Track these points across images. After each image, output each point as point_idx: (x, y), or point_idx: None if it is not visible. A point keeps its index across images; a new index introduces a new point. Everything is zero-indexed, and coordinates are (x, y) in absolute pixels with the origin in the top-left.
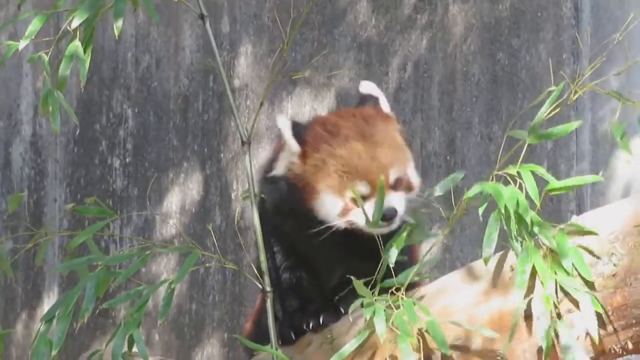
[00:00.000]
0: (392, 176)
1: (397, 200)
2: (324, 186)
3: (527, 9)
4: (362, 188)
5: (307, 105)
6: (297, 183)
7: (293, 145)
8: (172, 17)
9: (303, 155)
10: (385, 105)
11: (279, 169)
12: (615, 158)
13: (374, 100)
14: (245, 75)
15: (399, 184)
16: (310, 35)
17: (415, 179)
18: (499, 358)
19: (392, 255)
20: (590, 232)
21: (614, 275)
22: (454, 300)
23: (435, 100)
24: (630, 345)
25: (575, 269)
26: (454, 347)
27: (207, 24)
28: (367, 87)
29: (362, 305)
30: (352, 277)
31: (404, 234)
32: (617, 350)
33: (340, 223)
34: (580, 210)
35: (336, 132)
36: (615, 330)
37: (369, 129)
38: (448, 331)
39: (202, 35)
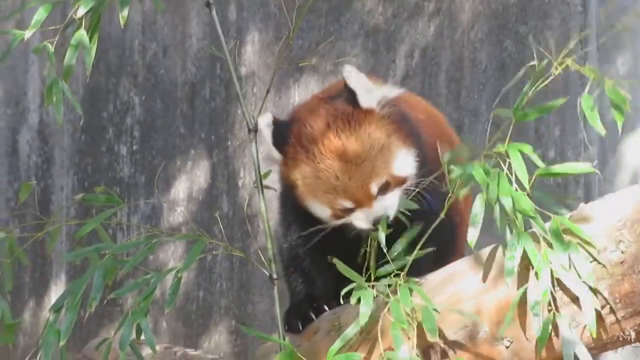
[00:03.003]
0: (374, 188)
1: (383, 206)
2: (311, 197)
3: None
4: (346, 204)
5: (314, 92)
6: (287, 183)
7: (274, 154)
8: (179, 5)
9: (285, 165)
10: (364, 99)
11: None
12: (623, 145)
13: (351, 94)
14: (252, 63)
15: (387, 187)
16: (316, 23)
17: (405, 169)
18: (506, 344)
19: (381, 237)
20: (587, 242)
21: (621, 262)
22: (462, 288)
23: (443, 87)
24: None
25: (572, 264)
26: (462, 333)
27: (214, 12)
28: (347, 73)
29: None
30: (337, 262)
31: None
32: (625, 338)
33: (335, 223)
34: (588, 197)
35: (312, 150)
36: (622, 318)
37: (346, 142)
38: (457, 318)
39: (209, 22)
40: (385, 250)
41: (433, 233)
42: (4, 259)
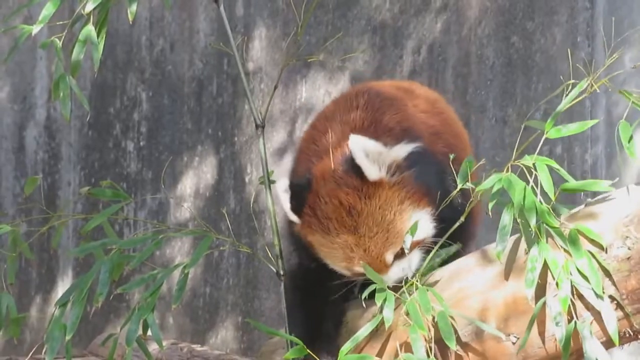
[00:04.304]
0: (389, 257)
1: (401, 269)
2: (329, 260)
3: None
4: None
5: (322, 88)
6: (305, 241)
7: (293, 218)
8: (187, 1)
9: (302, 228)
10: (371, 172)
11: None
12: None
13: (359, 168)
14: (259, 59)
15: (403, 252)
16: (324, 19)
17: (421, 232)
18: (513, 340)
19: (407, 241)
20: (595, 242)
21: (628, 258)
22: (469, 284)
23: (450, 83)
24: None
25: (586, 278)
26: (469, 329)
27: (222, 7)
28: (353, 146)
29: (374, 292)
30: (363, 263)
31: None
32: (631, 334)
33: (358, 280)
34: (594, 194)
35: (327, 224)
36: (629, 314)
37: (358, 219)
38: (464, 314)
39: (217, 18)
40: None
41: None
42: (9, 252)
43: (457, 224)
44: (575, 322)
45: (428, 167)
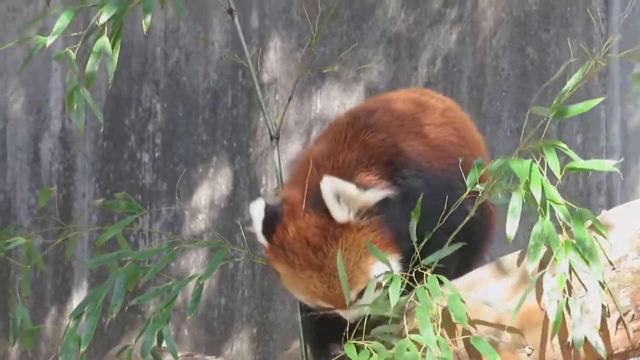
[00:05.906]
0: (353, 296)
1: (358, 312)
2: (292, 291)
3: (556, 3)
4: (326, 305)
5: (336, 99)
6: (271, 266)
7: (262, 240)
8: (201, 12)
9: (270, 253)
10: (338, 214)
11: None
12: None
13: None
14: (274, 70)
15: (362, 293)
16: (339, 30)
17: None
18: (528, 352)
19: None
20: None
21: None
22: (483, 295)
23: (465, 94)
24: None
25: (586, 260)
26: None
27: (236, 19)
28: (324, 187)
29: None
30: (370, 245)
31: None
32: None
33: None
34: (610, 205)
35: (293, 259)
36: None
37: (323, 259)
38: (478, 325)
39: (231, 30)
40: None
41: (467, 236)
42: (23, 264)
43: (468, 217)
44: (567, 299)
45: (402, 213)
